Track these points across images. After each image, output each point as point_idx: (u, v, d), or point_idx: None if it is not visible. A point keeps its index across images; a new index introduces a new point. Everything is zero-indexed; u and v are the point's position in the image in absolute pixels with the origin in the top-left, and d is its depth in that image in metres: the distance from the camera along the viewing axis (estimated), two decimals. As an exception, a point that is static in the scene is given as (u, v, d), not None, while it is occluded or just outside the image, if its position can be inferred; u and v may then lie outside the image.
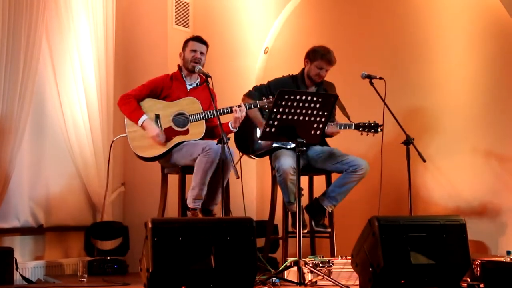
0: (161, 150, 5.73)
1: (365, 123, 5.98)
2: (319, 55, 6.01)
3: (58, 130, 6.75)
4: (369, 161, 5.97)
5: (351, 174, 5.83)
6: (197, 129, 5.76)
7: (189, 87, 5.96)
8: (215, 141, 5.55)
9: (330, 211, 5.99)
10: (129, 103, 5.79)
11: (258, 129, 5.98)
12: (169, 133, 5.74)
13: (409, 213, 5.55)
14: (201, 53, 5.95)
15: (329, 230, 6.03)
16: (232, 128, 5.79)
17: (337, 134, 6.02)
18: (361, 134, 6.02)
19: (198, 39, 6.00)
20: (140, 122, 5.73)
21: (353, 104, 6.32)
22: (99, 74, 6.92)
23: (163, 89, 5.88)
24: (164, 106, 5.82)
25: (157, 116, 5.78)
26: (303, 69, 6.12)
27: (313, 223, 6.04)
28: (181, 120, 5.78)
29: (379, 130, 5.96)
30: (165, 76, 5.98)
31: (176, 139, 5.74)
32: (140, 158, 5.80)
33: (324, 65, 6.01)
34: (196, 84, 6.00)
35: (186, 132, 5.75)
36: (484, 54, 6.43)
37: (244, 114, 5.72)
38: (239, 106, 5.73)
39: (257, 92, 6.03)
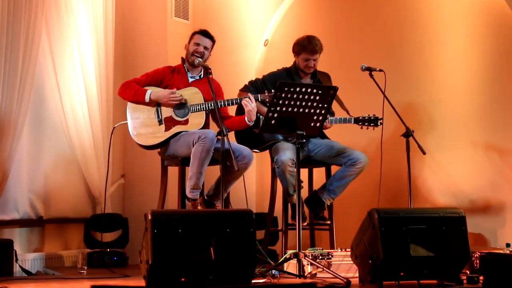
0: (160, 139, 5.72)
1: (365, 117, 5.99)
2: (301, 48, 6.03)
3: (57, 122, 6.74)
4: (369, 154, 5.98)
5: (350, 167, 5.84)
6: (197, 119, 5.75)
7: (190, 80, 5.95)
8: (212, 130, 5.55)
9: (328, 204, 5.99)
10: (130, 87, 5.79)
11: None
12: (169, 122, 5.74)
13: (408, 206, 5.56)
14: (205, 47, 5.92)
15: (329, 222, 6.04)
16: (249, 122, 5.72)
17: (329, 127, 6.02)
18: (361, 128, 6.02)
19: (204, 33, 5.98)
20: (147, 97, 5.72)
21: (353, 96, 6.32)
22: (98, 66, 6.90)
23: (163, 80, 5.88)
24: None
25: (158, 105, 5.77)
26: (295, 61, 6.13)
27: (312, 216, 6.05)
28: (182, 110, 5.77)
29: (379, 123, 5.97)
30: (167, 68, 5.97)
31: (175, 129, 5.73)
32: (140, 146, 5.80)
33: (309, 56, 6.02)
34: (199, 76, 5.99)
35: (186, 122, 5.75)
36: (484, 47, 6.43)
37: (254, 104, 5.69)
38: (247, 97, 5.70)
39: (252, 87, 6.02)
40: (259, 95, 5.76)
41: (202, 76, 5.97)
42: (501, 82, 6.35)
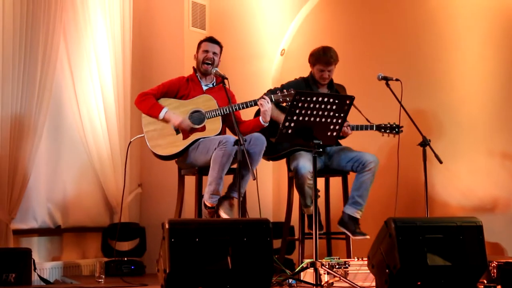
0: (179, 147, 5.73)
1: (386, 124, 6.00)
2: (316, 59, 6.04)
3: (75, 131, 6.79)
4: (386, 163, 5.98)
5: (362, 172, 5.83)
6: (214, 125, 5.75)
7: (204, 88, 5.96)
8: (232, 136, 5.55)
9: (359, 217, 5.92)
10: (147, 99, 5.80)
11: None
12: (186, 131, 5.75)
13: (425, 215, 5.55)
14: (214, 53, 5.93)
15: (368, 237, 5.83)
16: (264, 122, 5.71)
17: (348, 135, 6.02)
18: (382, 135, 6.02)
19: (210, 39, 5.99)
20: (161, 115, 5.73)
21: (369, 105, 6.32)
22: (116, 76, 6.95)
23: (179, 90, 5.89)
24: (180, 105, 5.82)
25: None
26: (312, 71, 6.15)
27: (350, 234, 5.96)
28: (198, 117, 5.77)
29: (400, 131, 5.97)
30: (182, 78, 5.99)
31: (193, 136, 5.72)
32: (158, 157, 5.80)
33: (323, 67, 6.02)
34: (212, 84, 6.00)
35: (203, 128, 5.75)
36: (500, 55, 6.43)
37: (270, 105, 5.68)
38: (263, 98, 5.71)
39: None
40: (272, 95, 5.75)
41: (215, 84, 5.99)
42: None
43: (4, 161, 5.94)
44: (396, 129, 6.00)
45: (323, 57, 6.00)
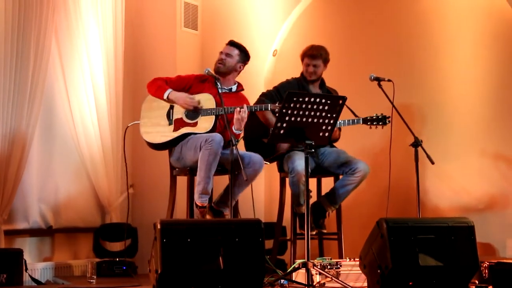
0: (167, 138, 5.79)
1: (373, 116, 5.97)
2: (304, 53, 6.15)
3: (67, 131, 6.77)
4: (378, 163, 5.98)
5: (349, 176, 5.85)
6: (205, 123, 5.76)
7: (220, 91, 5.90)
8: (219, 134, 5.57)
9: (330, 212, 5.99)
10: (155, 82, 5.92)
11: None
12: (178, 124, 5.79)
13: (417, 215, 5.56)
14: (227, 54, 5.97)
15: (325, 231, 6.04)
16: (235, 130, 5.70)
17: (338, 136, 6.04)
18: (370, 128, 5.99)
19: (229, 42, 6.07)
20: (165, 95, 5.82)
21: (361, 106, 6.31)
22: (108, 76, 6.94)
23: (192, 86, 5.91)
24: None
25: (171, 107, 5.83)
26: (302, 71, 6.18)
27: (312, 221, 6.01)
28: (192, 113, 5.80)
29: (387, 121, 5.95)
30: (198, 76, 6.02)
31: (183, 130, 5.77)
32: (148, 145, 5.87)
33: (308, 60, 6.10)
34: (229, 90, 6.00)
35: (195, 124, 5.77)
36: (492, 55, 6.44)
37: (245, 115, 5.67)
38: (242, 107, 5.71)
39: (267, 99, 6.01)
40: (269, 105, 5.76)
41: (232, 89, 5.99)
42: (509, 90, 6.35)
43: (-5, 161, 5.94)
44: (384, 120, 5.97)
45: (308, 51, 6.10)
